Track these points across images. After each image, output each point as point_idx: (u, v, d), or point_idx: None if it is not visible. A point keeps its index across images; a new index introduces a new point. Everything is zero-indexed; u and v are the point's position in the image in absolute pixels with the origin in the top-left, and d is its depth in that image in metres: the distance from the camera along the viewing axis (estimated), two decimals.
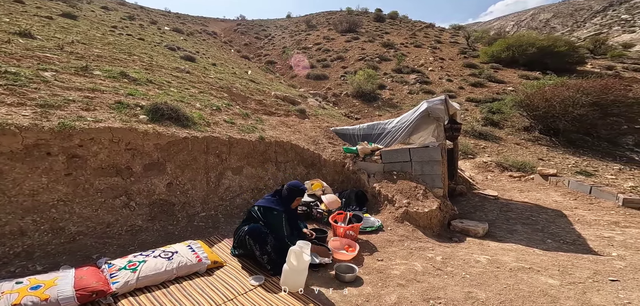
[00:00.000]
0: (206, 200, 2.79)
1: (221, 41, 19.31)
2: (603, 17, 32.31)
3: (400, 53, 15.40)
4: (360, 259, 2.07)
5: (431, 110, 3.22)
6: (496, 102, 8.41)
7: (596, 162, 5.38)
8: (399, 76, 12.46)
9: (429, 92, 10.54)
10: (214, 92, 4.96)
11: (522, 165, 5.14)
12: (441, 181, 3.09)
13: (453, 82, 11.37)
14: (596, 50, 13.93)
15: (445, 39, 19.22)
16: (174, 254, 1.86)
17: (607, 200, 3.47)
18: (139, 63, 5.30)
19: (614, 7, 32.87)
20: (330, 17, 26.48)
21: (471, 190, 4.14)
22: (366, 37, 19.45)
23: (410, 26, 23.31)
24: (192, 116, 3.22)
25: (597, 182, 4.50)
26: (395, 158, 3.34)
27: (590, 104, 5.73)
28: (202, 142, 2.85)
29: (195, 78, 5.60)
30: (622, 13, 30.60)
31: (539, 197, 3.81)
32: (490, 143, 6.61)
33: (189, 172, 2.75)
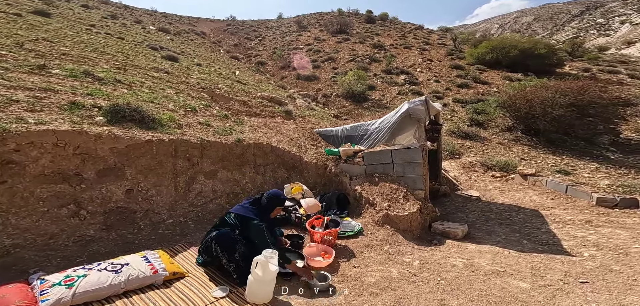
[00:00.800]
0: (174, 207, 2.64)
1: (210, 41, 18.95)
2: (580, 21, 33.73)
3: (390, 54, 15.52)
4: (336, 266, 2.01)
5: (412, 111, 3.19)
6: (481, 102, 8.57)
7: (574, 161, 5.53)
8: (388, 77, 12.54)
9: (417, 93, 10.64)
10: (193, 92, 4.79)
11: (505, 164, 5.22)
12: (422, 183, 3.08)
13: (441, 82, 11.54)
14: (574, 52, 14.47)
15: (434, 40, 19.53)
16: (124, 266, 1.71)
17: (582, 199, 3.53)
18: (112, 62, 5.05)
19: (591, 11, 34.37)
20: (321, 18, 26.46)
21: (454, 191, 4.16)
22: (357, 38, 19.52)
23: (400, 28, 23.57)
24: (160, 118, 3.05)
25: (575, 180, 4.61)
26: (377, 160, 3.28)
27: (568, 105, 5.89)
28: (169, 145, 2.70)
29: (175, 79, 5.41)
30: (597, 17, 32.04)
31: (518, 197, 3.86)
32: (476, 143, 6.71)
33: (153, 177, 2.60)
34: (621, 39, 26.44)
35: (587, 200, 3.49)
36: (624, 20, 30.06)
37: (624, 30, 28.46)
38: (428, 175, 3.25)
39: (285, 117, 5.27)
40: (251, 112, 4.88)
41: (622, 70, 12.09)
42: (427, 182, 3.19)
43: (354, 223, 2.74)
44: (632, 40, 25.11)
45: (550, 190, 3.99)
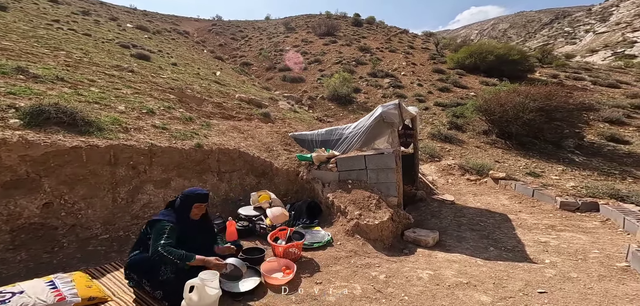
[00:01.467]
0: (111, 220, 2.37)
1: (193, 41, 18.29)
2: (550, 29, 35.94)
3: (375, 57, 15.69)
4: (297, 282, 1.88)
5: (385, 115, 3.11)
6: (459, 106, 8.80)
7: (543, 164, 5.78)
8: (373, 80, 12.64)
9: (401, 96, 10.78)
10: (157, 93, 4.47)
11: (480, 167, 5.35)
12: (396, 189, 3.01)
13: (423, 86, 11.78)
14: (543, 59, 15.32)
15: (418, 44, 20.00)
16: (15, 296, 1.39)
17: (547, 203, 3.63)
18: (62, 59, 4.63)
19: (559, 20, 36.72)
20: (309, 20, 26.37)
21: (431, 195, 4.18)
22: (344, 40, 19.60)
23: (386, 31, 23.96)
24: (100, 121, 2.74)
25: (544, 182, 4.79)
26: (350, 165, 3.19)
27: (537, 110, 6.15)
28: (105, 151, 2.41)
29: (139, 79, 5.04)
30: (565, 26, 34.29)
31: (489, 201, 3.93)
32: (455, 146, 6.86)
33: (82, 188, 2.29)
34: (585, 47, 28.46)
35: (551, 203, 3.58)
36: (588, 30, 32.39)
37: (588, 39, 30.66)
38: (402, 181, 3.20)
39: (263, 119, 5.09)
40: (226, 114, 4.66)
41: (586, 77, 12.93)
42: (401, 188, 3.14)
43: (323, 234, 2.62)
44: (595, 49, 27.09)
45: (519, 194, 4.08)
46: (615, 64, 19.19)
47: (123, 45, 8.28)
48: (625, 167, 5.79)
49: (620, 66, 17.47)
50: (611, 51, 25.12)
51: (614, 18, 31.43)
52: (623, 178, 5.23)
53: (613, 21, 30.93)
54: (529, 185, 4.26)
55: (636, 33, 25.95)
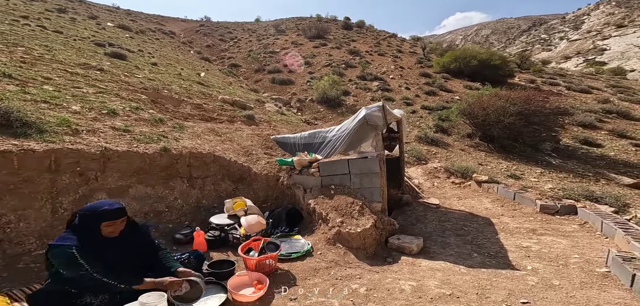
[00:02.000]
0: (50, 233, 2.09)
1: (179, 41, 17.69)
2: (528, 36, 37.77)
3: (365, 60, 15.81)
4: (269, 298, 1.71)
5: (369, 117, 3.00)
6: (445, 109, 8.96)
7: (523, 166, 5.94)
8: (362, 83, 12.71)
9: (389, 99, 10.87)
10: (126, 93, 4.18)
11: (465, 170, 5.41)
12: (380, 194, 2.91)
13: (411, 89, 11.95)
14: (522, 65, 16.02)
15: (406, 48, 20.37)
16: None
17: (528, 206, 3.67)
18: (19, 55, 4.29)
19: (536, 28, 38.66)
20: (299, 22, 26.28)
21: (417, 199, 4.15)
22: (334, 43, 19.65)
23: (376, 35, 24.27)
24: (43, 122, 2.46)
25: (524, 185, 4.90)
26: (333, 170, 3.05)
27: (516, 113, 6.33)
28: (43, 156, 2.12)
29: (108, 77, 4.72)
30: (542, 33, 36.17)
31: (473, 205, 3.95)
32: (440, 149, 6.94)
33: (13, 198, 2.01)
34: (560, 54, 30.13)
35: (532, 206, 3.62)
36: (563, 37, 34.35)
37: (562, 46, 32.49)
38: (386, 186, 3.12)
39: (246, 121, 4.89)
40: (205, 116, 4.43)
41: (560, 82, 13.61)
42: (385, 193, 3.05)
43: (303, 243, 2.45)
44: (568, 56, 28.73)
45: (501, 197, 4.12)
46: (587, 70, 20.39)
47: (98, 44, 7.84)
48: (598, 169, 6.06)
49: (591, 72, 18.56)
50: (583, 58, 26.72)
51: (586, 26, 33.52)
52: (596, 180, 5.45)
53: (585, 29, 32.97)
54: (510, 188, 4.31)
55: (605, 41, 27.76)
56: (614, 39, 27.34)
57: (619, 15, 31.27)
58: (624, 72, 19.24)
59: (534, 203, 3.61)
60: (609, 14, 33.06)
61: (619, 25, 29.37)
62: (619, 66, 20.55)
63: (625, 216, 3.77)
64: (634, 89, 13.11)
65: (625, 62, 22.50)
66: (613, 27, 29.64)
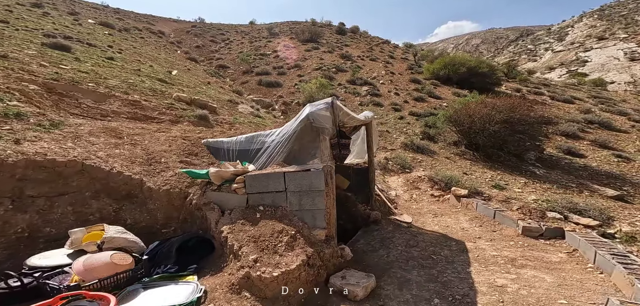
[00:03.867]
0: None
1: (167, 41, 17.11)
2: (515, 46, 38.71)
3: (356, 65, 15.65)
4: None
5: (313, 117, 2.38)
6: (432, 116, 8.82)
7: (507, 176, 5.79)
8: (352, 87, 12.51)
9: (378, 104, 10.70)
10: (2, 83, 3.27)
11: (449, 179, 5.20)
12: (324, 219, 2.26)
13: (400, 95, 11.81)
14: (509, 74, 16.21)
15: (398, 55, 20.37)
16: None
17: (509, 227, 3.35)
18: None
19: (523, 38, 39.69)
20: (293, 26, 26.04)
21: (387, 216, 3.72)
22: (326, 47, 19.47)
23: (369, 41, 24.26)
24: None
25: (508, 195, 4.72)
26: (264, 186, 2.36)
27: (502, 121, 6.21)
28: None
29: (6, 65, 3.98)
30: (528, 43, 37.14)
31: (449, 224, 3.61)
32: (426, 156, 6.75)
33: None
34: (544, 65, 30.94)
35: (513, 227, 3.30)
36: (547, 48, 35.36)
37: (547, 57, 33.42)
38: (334, 206, 2.44)
39: (195, 122, 4.39)
40: (139, 114, 3.88)
41: (545, 92, 13.78)
42: (333, 216, 2.42)
43: (189, 290, 1.66)
44: (552, 66, 29.52)
45: (480, 215, 3.81)
46: (570, 81, 20.90)
47: (48, 35, 7.53)
48: (582, 179, 5.98)
49: (573, 83, 19.00)
50: (566, 69, 27.47)
51: (570, 38, 34.61)
52: (580, 191, 5.34)
53: (568, 41, 34.03)
54: (490, 204, 3.99)
55: (588, 53, 28.67)
56: (595, 51, 28.27)
57: (601, 28, 32.44)
58: (604, 83, 19.78)
59: (516, 224, 3.26)
60: (591, 26, 34.26)
61: (600, 37, 30.43)
62: (599, 77, 21.17)
63: (609, 230, 3.61)
64: (614, 100, 13.39)
65: (606, 74, 23.22)
66: (594, 39, 30.68)
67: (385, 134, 7.99)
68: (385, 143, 7.44)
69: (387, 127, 8.60)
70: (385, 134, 7.99)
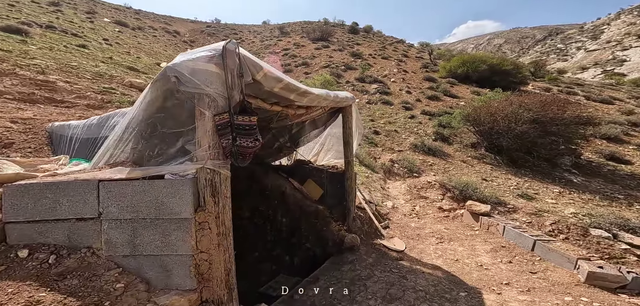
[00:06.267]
0: None
1: (180, 40, 17.51)
2: (543, 46, 36.02)
3: (366, 63, 15.04)
4: None
5: (177, 72, 1.25)
6: (446, 115, 8.04)
7: (537, 184, 4.96)
8: (360, 85, 11.95)
9: (387, 102, 10.06)
10: None
11: (464, 186, 4.49)
12: (189, 272, 1.31)
13: (412, 93, 11.08)
14: (536, 72, 14.80)
15: (412, 53, 19.47)
16: None
17: (558, 267, 2.13)
18: None
19: (552, 37, 36.86)
20: (305, 26, 25.94)
21: (372, 239, 2.80)
22: (337, 46, 19.08)
23: (382, 40, 23.55)
24: None
25: (539, 207, 3.96)
26: (50, 208, 1.34)
27: (531, 120, 5.38)
28: None
29: None
30: (558, 43, 34.35)
31: (460, 255, 2.55)
32: (438, 159, 6.04)
33: None
34: (576, 64, 28.38)
35: (569, 269, 2.09)
36: (580, 47, 32.48)
37: (579, 56, 30.66)
38: (227, 248, 1.38)
39: (123, 106, 3.99)
40: (36, 96, 3.32)
41: (578, 92, 12.36)
42: (221, 264, 1.36)
43: None
44: (585, 66, 26.97)
45: (509, 243, 2.61)
46: (607, 81, 18.83)
47: (23, 23, 7.93)
48: (630, 190, 5.00)
49: (611, 83, 17.05)
50: (601, 69, 24.97)
51: (605, 36, 31.59)
52: (629, 204, 4.42)
53: (604, 39, 31.07)
54: (524, 229, 2.77)
55: (626, 51, 25.90)
56: (634, 49, 25.46)
57: None
58: None
59: (574, 264, 2.03)
60: (630, 23, 31.05)
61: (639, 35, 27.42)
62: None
63: None
64: None
65: None
66: (634, 37, 27.70)
67: (393, 134, 7.35)
68: (392, 143, 6.81)
69: (396, 126, 7.94)
70: (393, 134, 7.35)
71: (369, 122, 8.21)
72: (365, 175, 4.86)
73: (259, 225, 3.13)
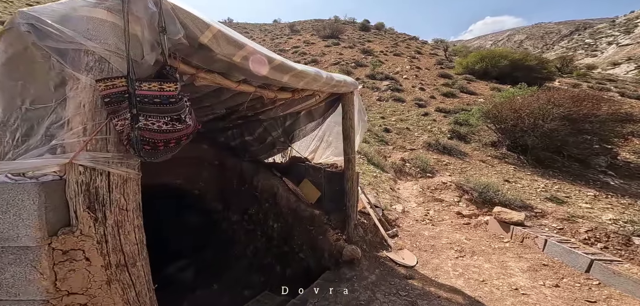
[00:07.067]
0: None
1: None
2: (569, 41, 33.78)
3: (377, 60, 14.66)
4: None
5: (37, 19, 0.85)
6: (464, 112, 7.58)
7: (568, 186, 4.50)
8: (371, 82, 11.63)
9: (399, 100, 9.69)
10: None
11: (484, 188, 4.12)
12: None
13: (425, 90, 10.62)
14: (563, 68, 13.78)
15: (426, 50, 18.82)
16: None
17: (627, 295, 1.63)
18: None
19: (580, 32, 34.51)
20: (316, 24, 25.82)
21: (376, 250, 2.43)
22: (347, 43, 18.80)
23: (394, 37, 23.00)
24: None
25: (571, 212, 3.56)
26: None
27: (561, 117, 4.90)
28: None
29: None
30: (586, 37, 32.06)
31: (486, 273, 2.03)
32: (454, 159, 5.67)
33: None
34: (607, 60, 26.31)
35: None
36: (611, 42, 30.11)
37: (611, 52, 28.42)
38: (133, 284, 0.95)
39: None
40: None
41: (612, 88, 11.35)
42: None
43: None
44: (617, 61, 24.93)
45: (553, 261, 2.08)
46: None
47: None
48: None
49: None
50: (635, 64, 22.97)
51: (639, 30, 29.09)
52: None
53: (638, 33, 28.62)
54: (575, 244, 2.25)
55: None
56: None
57: None
58: None
59: None
60: None
61: None
62: None
63: None
64: None
65: None
66: None
67: (404, 132, 7.02)
68: (404, 141, 6.49)
69: (408, 123, 7.59)
70: (404, 132, 7.02)
71: (380, 119, 7.91)
72: (374, 174, 4.60)
73: (249, 230, 2.83)
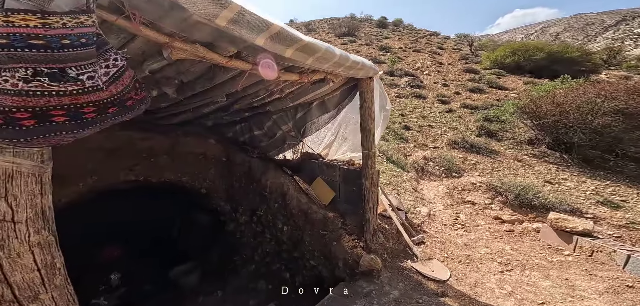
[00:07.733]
0: None
1: None
2: (615, 32, 30.23)
3: (395, 56, 14.18)
4: None
5: None
6: (494, 108, 7.01)
7: (624, 189, 3.92)
8: (389, 79, 11.23)
9: (420, 96, 9.24)
10: None
11: (522, 190, 3.68)
12: None
13: (449, 86, 10.03)
14: (610, 60, 12.27)
15: (448, 46, 17.91)
16: None
17: None
18: None
19: (627, 22, 30.76)
20: (332, 22, 25.72)
21: (399, 260, 2.11)
22: (364, 40, 18.48)
23: (414, 33, 22.23)
24: None
25: (629, 218, 3.07)
26: None
27: (614, 112, 4.29)
28: None
29: None
30: (635, 27, 28.45)
31: (546, 293, 1.62)
32: (484, 158, 5.22)
33: None
34: None
35: None
36: None
37: None
38: None
39: None
40: None
41: None
42: None
43: None
44: None
45: (638, 281, 1.67)
46: None
47: None
48: None
49: None
50: None
51: None
52: None
53: None
54: None
55: None
56: None
57: None
58: None
59: None
60: None
61: None
62: None
63: None
64: None
65: None
66: None
67: (426, 129, 6.63)
68: (425, 139, 6.13)
69: (430, 121, 7.18)
70: (426, 129, 6.63)
71: (399, 117, 7.56)
72: (394, 173, 4.35)
73: (257, 232, 2.66)
